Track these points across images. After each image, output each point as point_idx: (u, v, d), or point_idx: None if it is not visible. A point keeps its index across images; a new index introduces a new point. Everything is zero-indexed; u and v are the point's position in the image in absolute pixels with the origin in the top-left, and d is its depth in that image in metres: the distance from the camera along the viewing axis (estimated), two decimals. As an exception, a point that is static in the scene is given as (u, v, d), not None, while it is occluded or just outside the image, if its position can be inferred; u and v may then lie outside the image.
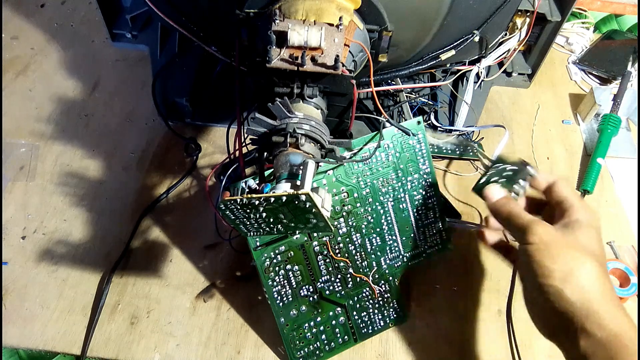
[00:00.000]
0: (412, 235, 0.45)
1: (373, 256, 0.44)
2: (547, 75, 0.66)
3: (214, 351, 0.44)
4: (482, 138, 0.57)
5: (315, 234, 0.42)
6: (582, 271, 0.33)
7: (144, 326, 0.45)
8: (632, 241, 0.52)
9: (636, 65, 0.62)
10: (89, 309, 0.46)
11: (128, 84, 0.63)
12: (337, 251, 0.43)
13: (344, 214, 0.42)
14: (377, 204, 0.43)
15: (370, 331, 0.44)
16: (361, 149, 0.41)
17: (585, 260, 0.33)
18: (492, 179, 0.38)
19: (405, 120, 0.51)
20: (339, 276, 0.43)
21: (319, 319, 0.43)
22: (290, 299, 0.42)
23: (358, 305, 0.44)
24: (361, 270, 0.43)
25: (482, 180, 0.39)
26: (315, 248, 0.42)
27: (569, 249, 0.33)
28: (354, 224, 0.43)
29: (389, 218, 0.44)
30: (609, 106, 0.58)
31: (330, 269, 0.43)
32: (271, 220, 0.31)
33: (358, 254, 0.43)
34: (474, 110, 0.58)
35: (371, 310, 0.44)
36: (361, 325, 0.44)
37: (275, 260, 0.41)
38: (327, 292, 0.43)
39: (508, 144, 0.58)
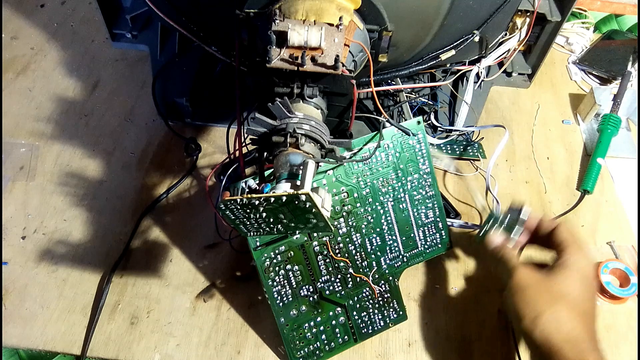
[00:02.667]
0: (412, 235, 0.45)
1: (373, 256, 0.44)
2: (547, 75, 0.66)
3: (214, 351, 0.44)
4: (482, 138, 0.57)
5: (315, 234, 0.42)
6: (549, 316, 0.35)
7: (144, 326, 0.45)
8: (632, 241, 0.52)
9: (636, 65, 0.62)
10: (89, 309, 0.46)
11: (128, 84, 0.63)
12: (337, 251, 0.43)
13: (344, 214, 0.42)
14: (377, 204, 0.43)
15: (370, 331, 0.44)
16: (361, 149, 0.41)
17: (555, 305, 0.35)
18: (491, 229, 0.42)
19: (405, 120, 0.51)
20: (339, 276, 0.43)
21: (319, 319, 0.43)
22: (290, 299, 0.42)
23: (358, 305, 0.44)
24: (361, 270, 0.43)
25: (482, 232, 0.43)
26: (315, 248, 0.42)
27: (542, 294, 0.36)
28: (354, 224, 0.43)
29: (389, 218, 0.44)
30: (609, 106, 0.58)
31: (330, 269, 0.43)
32: (271, 220, 0.31)
33: (358, 254, 0.43)
34: (474, 110, 0.58)
35: (371, 310, 0.44)
36: (361, 325, 0.44)
37: (275, 260, 0.41)
38: (327, 292, 0.43)
39: (508, 144, 0.58)
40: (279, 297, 0.42)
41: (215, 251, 0.50)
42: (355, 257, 0.43)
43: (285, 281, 0.42)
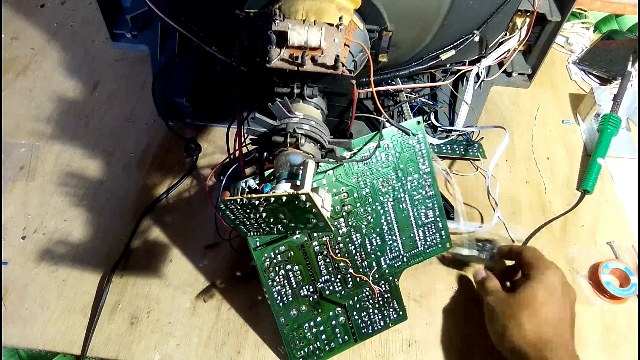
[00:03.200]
0: (412, 235, 0.45)
1: (373, 256, 0.44)
2: (547, 75, 0.66)
3: (214, 351, 0.44)
4: (482, 138, 0.57)
5: (315, 234, 0.42)
6: (512, 326, 0.38)
7: (144, 326, 0.45)
8: (632, 241, 0.52)
9: (636, 65, 0.62)
10: (89, 309, 0.46)
11: (128, 84, 0.63)
12: (337, 251, 0.43)
13: (344, 214, 0.42)
14: (377, 204, 0.43)
15: (370, 331, 0.44)
16: (361, 149, 0.41)
17: (517, 316, 0.39)
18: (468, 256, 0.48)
19: (405, 120, 0.51)
20: (339, 276, 0.43)
21: (319, 319, 0.43)
22: (290, 299, 0.42)
23: (358, 305, 0.44)
24: (361, 270, 0.43)
25: (461, 254, 0.48)
26: (315, 248, 0.42)
27: (507, 309, 0.40)
28: (354, 224, 0.43)
29: (389, 218, 0.44)
30: (609, 106, 0.58)
31: (330, 269, 0.43)
32: (271, 220, 0.31)
33: (358, 254, 0.43)
34: (474, 110, 0.58)
35: (371, 310, 0.44)
36: (361, 325, 0.44)
37: (275, 260, 0.41)
38: (327, 292, 0.43)
39: (508, 144, 0.58)
40: (279, 297, 0.42)
41: (215, 251, 0.50)
42: (355, 257, 0.43)
43: (285, 281, 0.42)
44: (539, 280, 0.40)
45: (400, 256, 0.45)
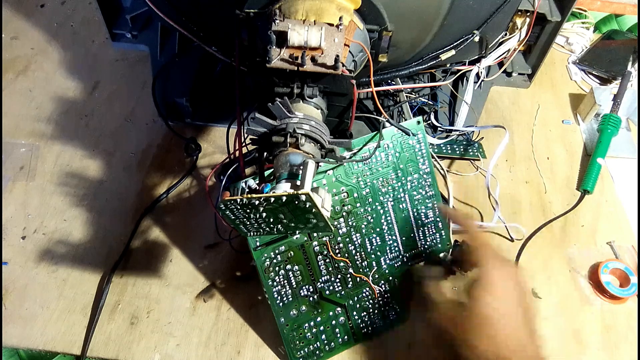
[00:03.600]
0: (412, 235, 0.45)
1: (373, 256, 0.44)
2: (547, 75, 0.66)
3: (214, 351, 0.44)
4: (482, 138, 0.57)
5: (315, 234, 0.42)
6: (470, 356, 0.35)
7: (144, 326, 0.45)
8: (632, 241, 0.52)
9: (636, 65, 0.62)
10: (89, 309, 0.46)
11: (128, 84, 0.63)
12: (337, 251, 0.43)
13: (344, 214, 0.42)
14: (377, 204, 0.43)
15: (370, 331, 0.44)
16: (361, 149, 0.41)
17: (472, 347, 0.34)
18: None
19: (405, 120, 0.51)
20: (339, 276, 0.43)
21: (319, 319, 0.43)
22: (290, 299, 0.42)
23: (358, 305, 0.44)
24: (361, 270, 0.43)
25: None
26: (315, 248, 0.42)
27: (460, 333, 0.36)
28: (354, 224, 0.43)
29: (389, 218, 0.44)
30: (609, 106, 0.58)
31: (330, 269, 0.43)
32: (271, 220, 0.31)
33: (358, 254, 0.43)
34: (474, 110, 0.58)
35: (371, 310, 0.44)
36: (361, 325, 0.44)
37: (275, 260, 0.41)
38: (327, 292, 0.43)
39: (508, 144, 0.58)
40: (279, 297, 0.42)
41: (215, 251, 0.50)
42: (355, 257, 0.43)
43: (285, 281, 0.42)
44: (488, 290, 0.35)
45: (400, 256, 0.45)
